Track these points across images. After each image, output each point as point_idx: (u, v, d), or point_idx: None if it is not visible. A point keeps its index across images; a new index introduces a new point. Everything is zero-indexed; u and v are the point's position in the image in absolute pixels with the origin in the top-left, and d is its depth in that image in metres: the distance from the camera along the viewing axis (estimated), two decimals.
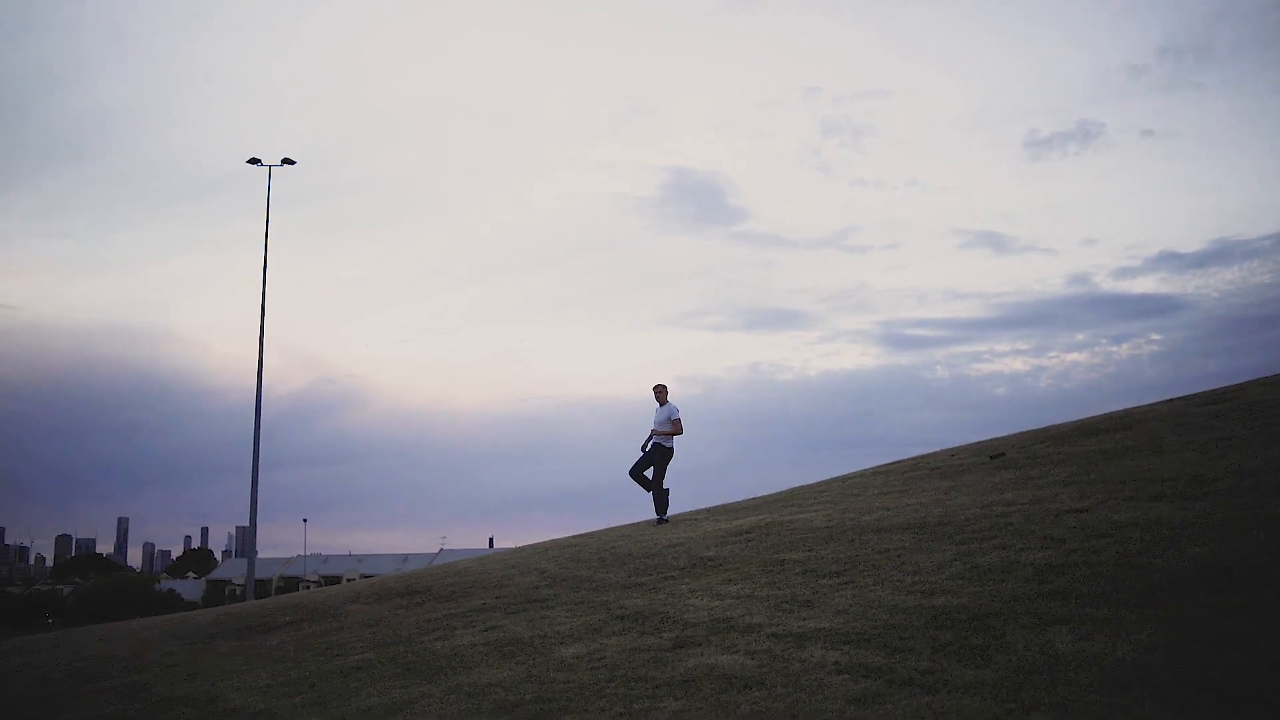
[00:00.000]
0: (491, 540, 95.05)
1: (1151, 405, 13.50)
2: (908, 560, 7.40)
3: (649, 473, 13.22)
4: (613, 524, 14.57)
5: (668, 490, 13.30)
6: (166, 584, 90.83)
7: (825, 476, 16.05)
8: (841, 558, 8.02)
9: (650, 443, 13.12)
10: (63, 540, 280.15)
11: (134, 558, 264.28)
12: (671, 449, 13.19)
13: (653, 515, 13.67)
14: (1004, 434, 14.88)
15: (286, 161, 35.11)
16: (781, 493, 14.78)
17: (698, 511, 14.43)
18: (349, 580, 44.99)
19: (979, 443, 14.74)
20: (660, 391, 13.23)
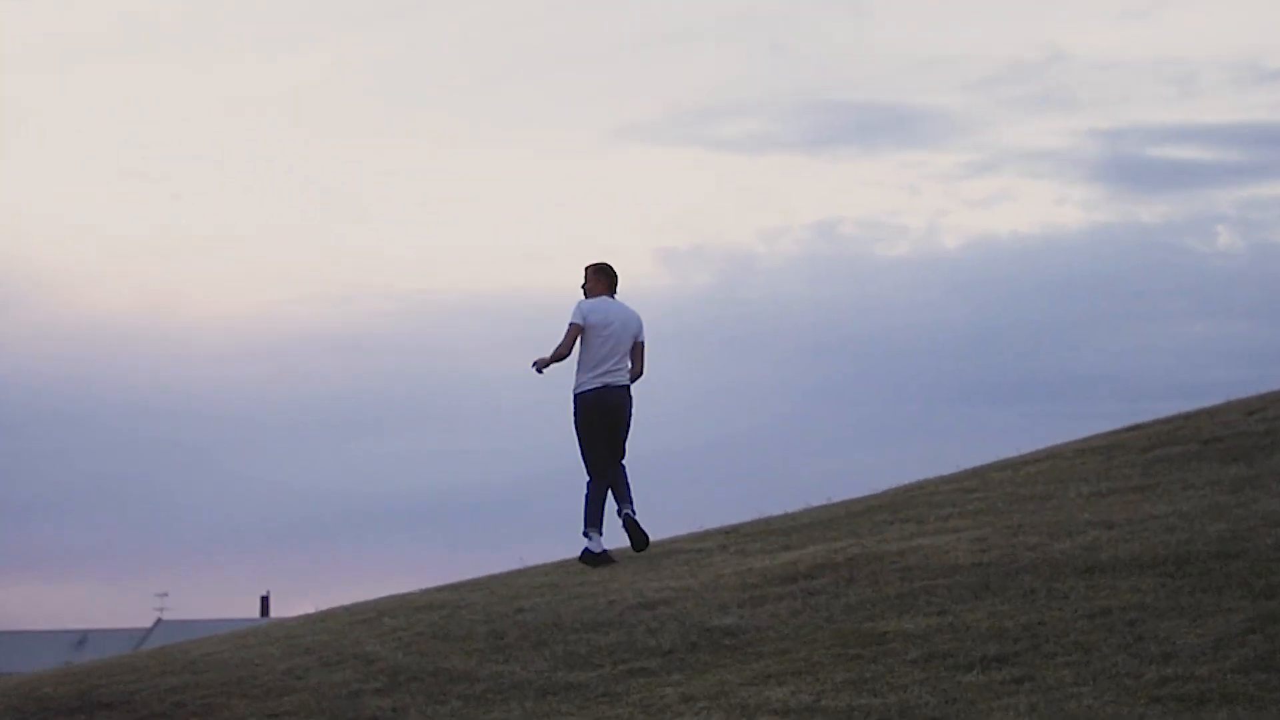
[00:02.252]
0: (266, 600, 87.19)
1: None
2: (1150, 630, 6.53)
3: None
4: (527, 558, 12.90)
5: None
6: None
7: (974, 461, 13.90)
8: (1008, 628, 6.98)
9: (596, 389, 11.03)
10: None
11: None
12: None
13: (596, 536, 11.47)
14: None
15: None
16: (882, 494, 12.98)
17: (704, 534, 12.55)
18: None
19: None
20: (600, 276, 11.12)
